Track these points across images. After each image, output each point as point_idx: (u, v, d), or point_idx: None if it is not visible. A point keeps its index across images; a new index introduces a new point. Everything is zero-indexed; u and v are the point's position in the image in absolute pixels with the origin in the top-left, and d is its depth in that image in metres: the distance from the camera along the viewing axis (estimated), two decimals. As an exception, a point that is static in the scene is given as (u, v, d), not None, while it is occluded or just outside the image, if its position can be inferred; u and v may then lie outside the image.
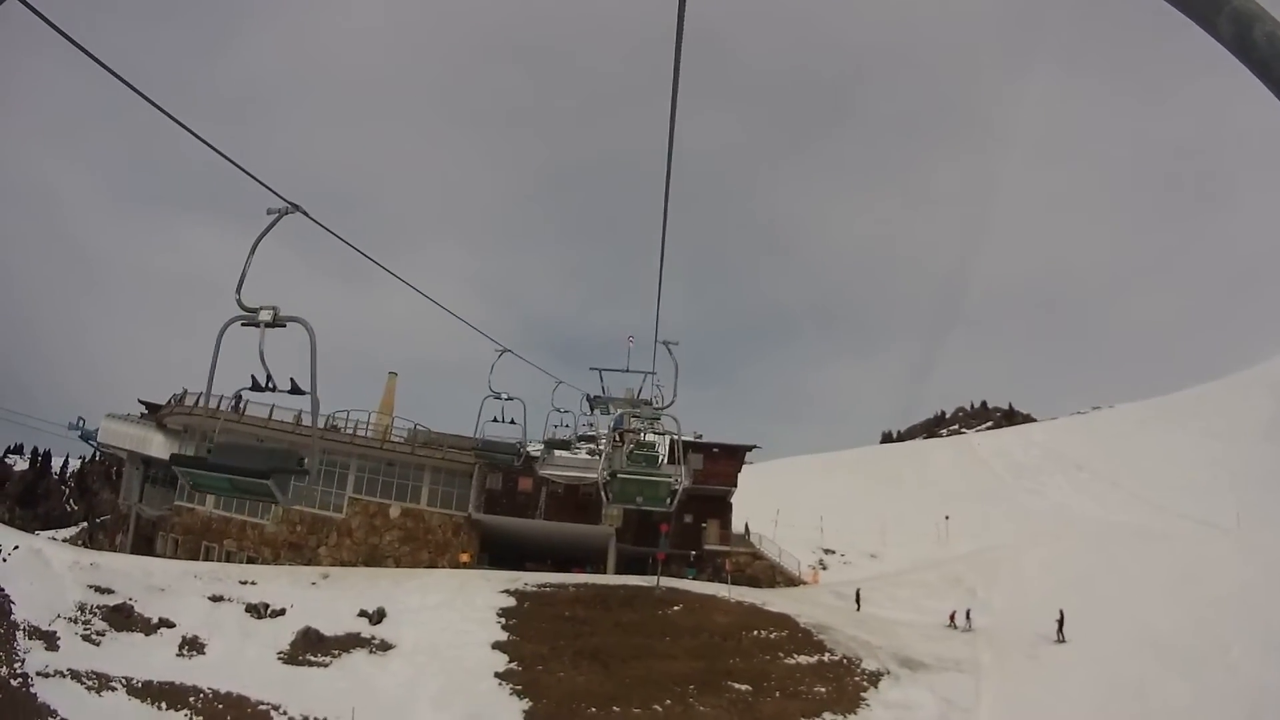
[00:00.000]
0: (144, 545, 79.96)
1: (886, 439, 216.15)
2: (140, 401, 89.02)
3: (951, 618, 62.37)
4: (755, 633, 56.68)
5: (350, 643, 54.51)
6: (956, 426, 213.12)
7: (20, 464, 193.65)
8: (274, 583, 60.29)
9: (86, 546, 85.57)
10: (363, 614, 56.86)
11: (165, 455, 78.34)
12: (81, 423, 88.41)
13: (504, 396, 30.66)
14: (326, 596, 59.06)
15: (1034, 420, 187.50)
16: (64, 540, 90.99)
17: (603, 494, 25.97)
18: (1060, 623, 56.32)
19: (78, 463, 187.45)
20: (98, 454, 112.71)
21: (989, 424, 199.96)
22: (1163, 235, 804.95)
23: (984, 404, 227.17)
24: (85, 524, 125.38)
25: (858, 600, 65.92)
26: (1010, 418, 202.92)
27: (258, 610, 56.66)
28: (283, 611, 56.70)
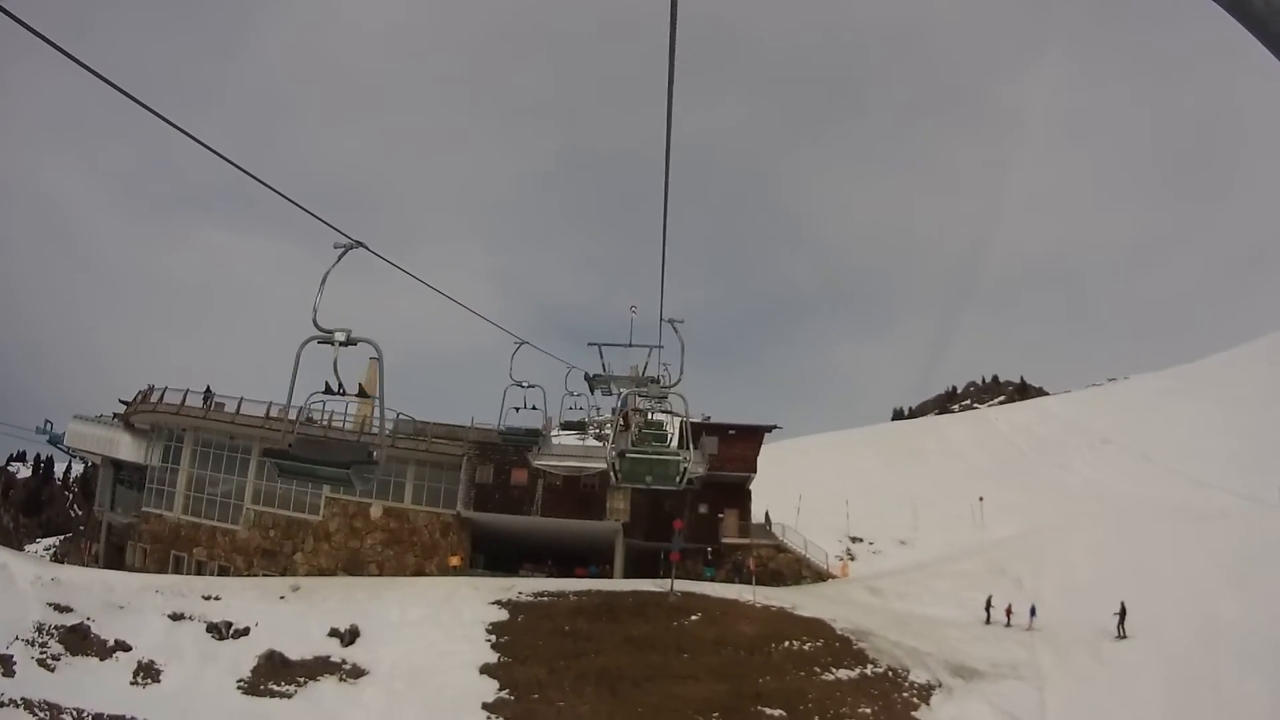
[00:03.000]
0: (115, 555, 73.88)
1: (898, 416, 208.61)
2: (121, 401, 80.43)
3: (1008, 612, 54.50)
4: (787, 644, 48.24)
5: (318, 668, 47.53)
6: (969, 402, 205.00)
7: (24, 471, 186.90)
8: (239, 597, 53.62)
9: (59, 558, 79.00)
10: (334, 633, 49.79)
11: (133, 457, 72.94)
12: (49, 426, 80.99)
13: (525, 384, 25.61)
14: (295, 612, 52.07)
15: (1047, 394, 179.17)
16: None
17: (612, 475, 22.13)
18: (1122, 616, 49.66)
19: (82, 468, 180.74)
20: (78, 460, 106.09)
21: (1001, 398, 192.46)
22: (1170, 210, 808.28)
23: (995, 378, 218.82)
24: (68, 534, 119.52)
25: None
26: (1023, 391, 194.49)
27: (219, 630, 50.25)
28: (246, 631, 50.18)
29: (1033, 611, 53.50)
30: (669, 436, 33.20)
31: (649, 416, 36.75)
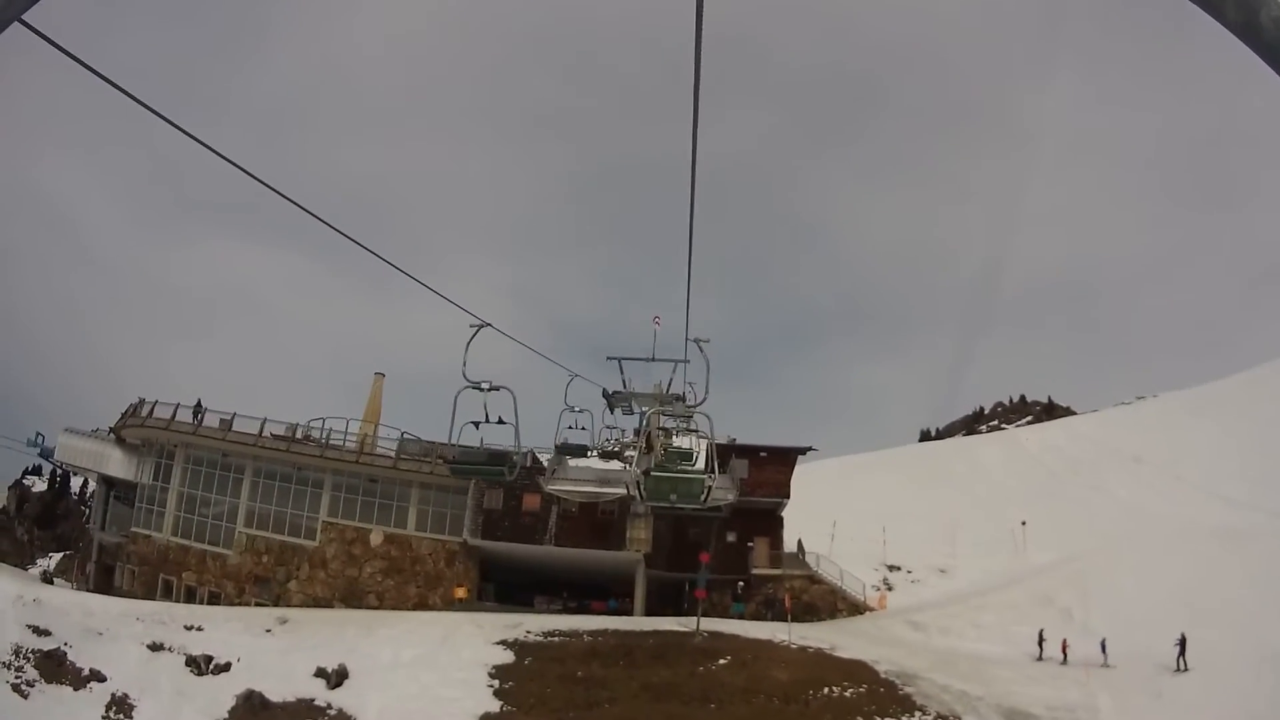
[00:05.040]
0: (105, 576, 69.24)
1: (925, 437, 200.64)
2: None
3: (1064, 648, 49.39)
4: (825, 690, 42.34)
5: (301, 712, 42.48)
6: (996, 422, 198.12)
7: (39, 485, 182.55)
8: (223, 628, 49.04)
9: (49, 578, 75.76)
10: (320, 673, 44.64)
11: (124, 474, 68.48)
12: (40, 439, 76.50)
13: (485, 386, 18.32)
14: (281, 648, 47.20)
15: (1074, 413, 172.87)
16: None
17: (637, 493, 20.56)
18: (1182, 648, 45.09)
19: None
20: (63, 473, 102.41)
21: (1029, 418, 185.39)
22: (1188, 225, 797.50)
23: (1023, 398, 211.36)
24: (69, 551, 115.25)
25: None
26: (1051, 411, 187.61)
27: (198, 664, 45.57)
28: (227, 666, 45.46)
29: (1103, 647, 48.31)
30: (695, 457, 31.78)
31: (673, 438, 33.64)
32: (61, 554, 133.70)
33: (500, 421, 18.48)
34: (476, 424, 18.44)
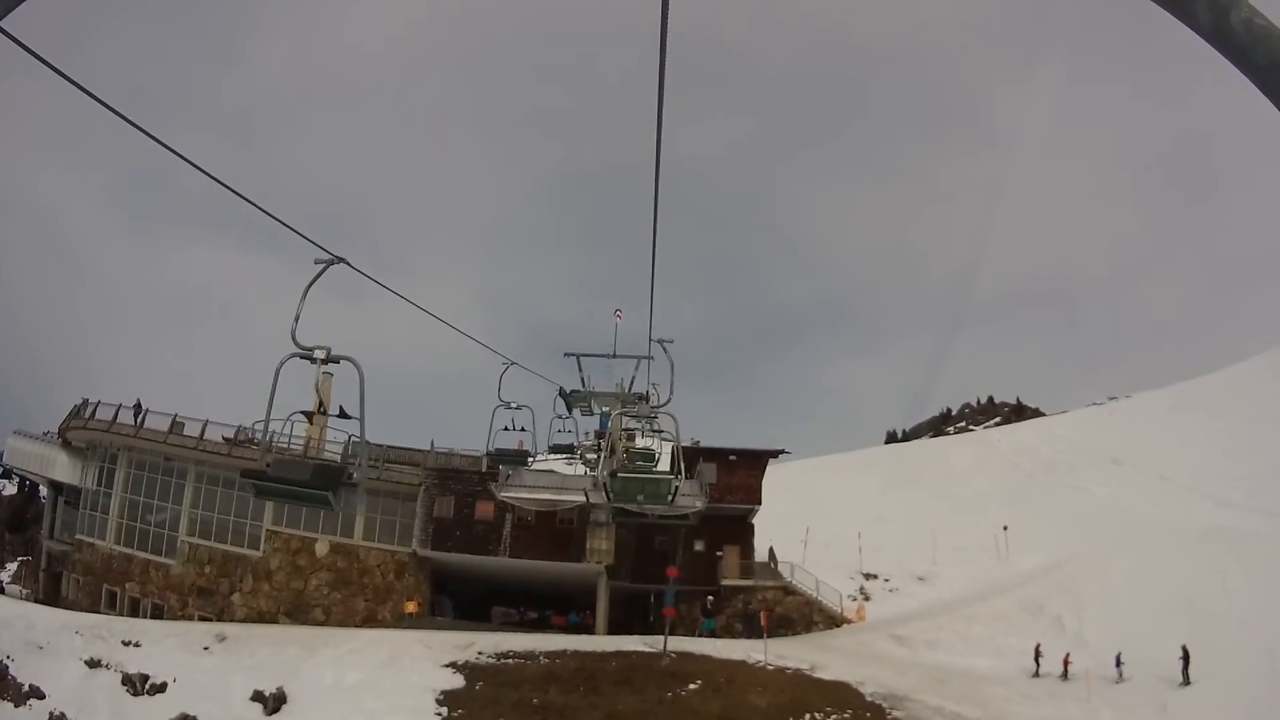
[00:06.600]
0: (53, 585, 65.49)
1: (891, 438, 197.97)
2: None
3: (1065, 663, 45.85)
4: (807, 717, 38.01)
5: None
6: (964, 423, 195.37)
7: (10, 488, 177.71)
8: (161, 644, 45.52)
9: (1, 586, 74.52)
10: (258, 697, 40.95)
11: (69, 478, 64.68)
12: None
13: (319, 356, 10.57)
14: (218, 667, 43.86)
15: (1043, 414, 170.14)
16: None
17: (604, 494, 20.16)
18: (1185, 660, 41.97)
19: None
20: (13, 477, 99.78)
21: (998, 419, 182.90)
22: (1163, 227, 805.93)
23: (990, 399, 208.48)
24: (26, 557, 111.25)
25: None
26: (1020, 412, 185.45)
27: (134, 684, 42.14)
28: (163, 687, 41.91)
29: (1118, 661, 44.60)
30: (657, 457, 29.68)
31: (636, 441, 33.35)
32: (19, 560, 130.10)
33: (341, 414, 12.72)
34: (308, 415, 12.55)
